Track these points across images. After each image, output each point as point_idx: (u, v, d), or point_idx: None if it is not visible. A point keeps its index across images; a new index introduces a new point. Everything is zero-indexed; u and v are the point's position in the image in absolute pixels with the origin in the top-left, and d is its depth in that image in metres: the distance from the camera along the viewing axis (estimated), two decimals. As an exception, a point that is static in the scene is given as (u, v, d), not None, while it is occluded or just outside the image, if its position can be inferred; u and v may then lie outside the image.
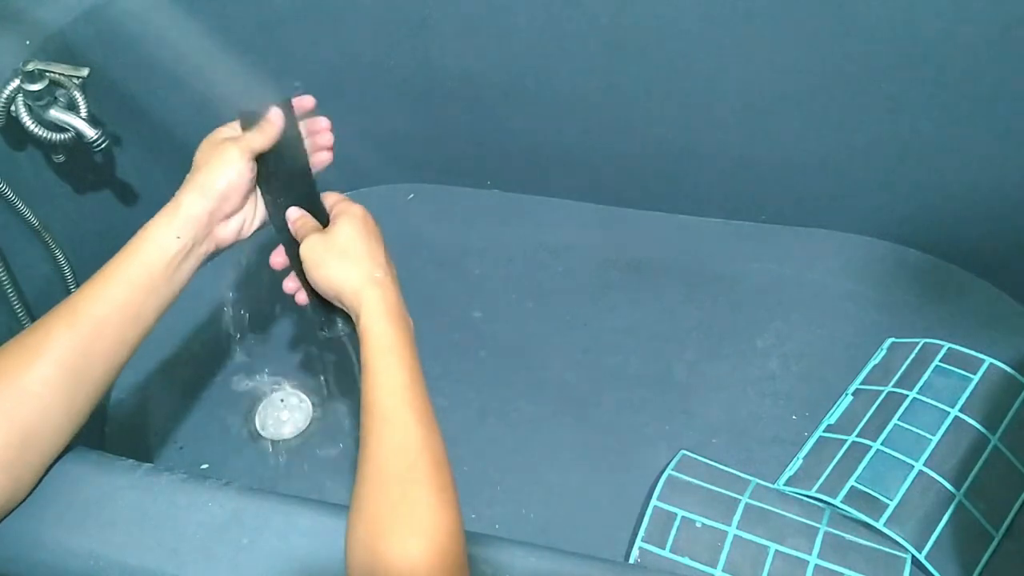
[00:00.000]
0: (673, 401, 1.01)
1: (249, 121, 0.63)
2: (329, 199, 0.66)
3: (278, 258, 0.66)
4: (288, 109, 0.64)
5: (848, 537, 0.84)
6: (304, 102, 0.67)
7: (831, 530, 0.84)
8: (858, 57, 0.93)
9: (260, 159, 0.62)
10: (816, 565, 0.81)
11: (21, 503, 0.53)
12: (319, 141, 0.68)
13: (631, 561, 0.84)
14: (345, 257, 0.59)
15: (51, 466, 0.54)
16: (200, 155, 0.60)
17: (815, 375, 1.02)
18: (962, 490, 0.87)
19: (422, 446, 0.51)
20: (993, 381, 0.96)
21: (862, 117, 1.00)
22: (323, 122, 0.68)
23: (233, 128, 0.63)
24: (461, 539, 0.48)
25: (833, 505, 0.87)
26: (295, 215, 0.64)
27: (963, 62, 0.90)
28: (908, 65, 0.92)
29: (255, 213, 0.64)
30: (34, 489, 0.53)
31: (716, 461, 0.93)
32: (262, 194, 0.65)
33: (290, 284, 0.66)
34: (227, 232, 0.62)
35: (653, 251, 1.16)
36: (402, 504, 0.48)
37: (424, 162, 1.23)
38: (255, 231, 0.65)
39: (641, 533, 0.85)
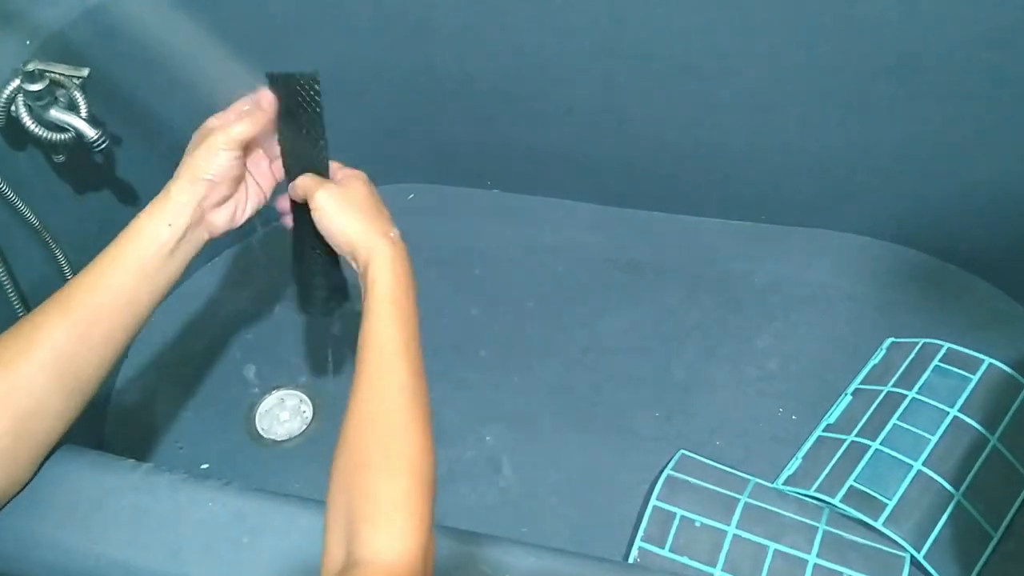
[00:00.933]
0: (673, 401, 1.01)
1: (276, 83, 0.63)
2: (333, 165, 0.67)
3: (284, 203, 0.67)
4: (312, 81, 0.64)
5: (847, 536, 0.84)
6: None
7: (830, 529, 0.84)
8: (858, 57, 0.93)
9: (283, 119, 0.63)
10: (815, 564, 0.81)
11: (18, 493, 0.53)
12: None
13: (631, 561, 0.84)
14: (362, 211, 0.60)
15: (48, 456, 0.55)
16: (190, 144, 0.61)
17: (815, 375, 1.02)
18: (961, 490, 0.87)
19: (404, 408, 0.52)
20: (992, 381, 0.96)
21: (862, 117, 1.00)
22: None
23: (223, 116, 0.63)
24: (431, 489, 0.50)
25: (832, 504, 0.87)
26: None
27: (964, 62, 0.90)
28: (908, 65, 0.92)
29: (247, 200, 0.64)
30: (32, 478, 0.53)
31: (715, 460, 0.93)
32: (281, 153, 0.64)
33: (284, 203, 0.67)
34: (220, 219, 0.62)
35: (653, 251, 1.16)
36: (390, 443, 0.50)
37: (424, 162, 1.23)
38: (248, 218, 0.65)
39: (640, 533, 0.86)
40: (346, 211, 0.60)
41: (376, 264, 0.57)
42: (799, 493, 0.90)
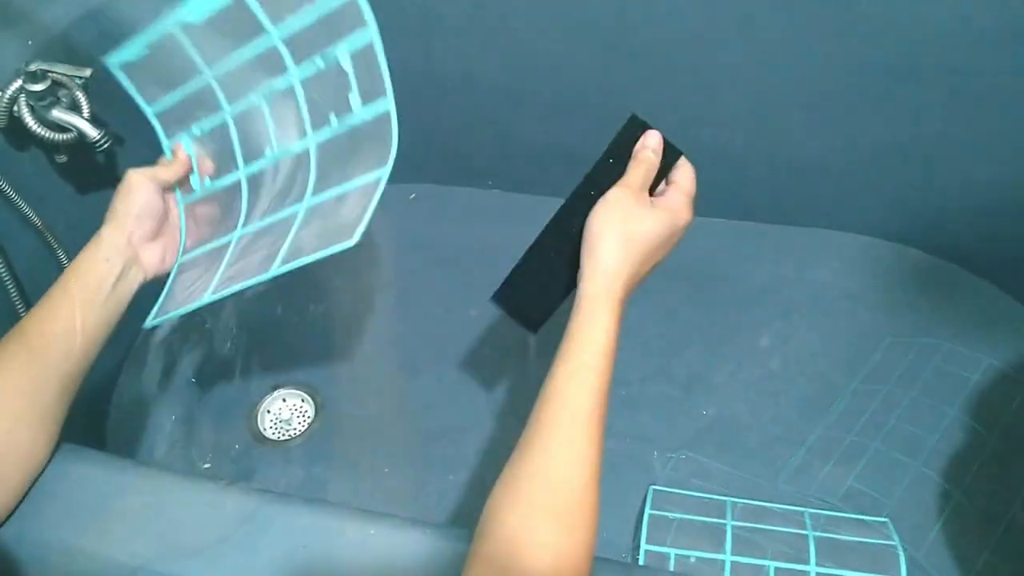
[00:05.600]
0: (674, 400, 1.01)
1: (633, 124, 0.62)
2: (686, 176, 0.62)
3: None
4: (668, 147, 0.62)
5: (841, 538, 0.84)
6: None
7: (821, 534, 0.84)
8: (859, 57, 0.93)
9: (611, 153, 0.61)
10: (817, 573, 0.81)
11: (7, 520, 0.53)
12: None
13: None
14: (632, 238, 0.55)
15: (32, 483, 0.55)
16: (120, 184, 0.64)
17: (815, 374, 1.02)
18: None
19: (572, 486, 0.49)
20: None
21: (863, 117, 1.00)
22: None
23: (157, 165, 0.67)
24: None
25: (829, 504, 0.88)
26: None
27: (965, 62, 0.90)
28: (909, 65, 0.92)
29: (176, 241, 0.67)
30: (18, 506, 0.54)
31: (685, 488, 0.92)
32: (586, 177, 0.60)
33: None
34: (151, 257, 0.65)
35: (653, 251, 1.16)
36: (569, 511, 0.47)
37: (424, 162, 1.23)
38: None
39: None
40: (635, 222, 0.55)
41: (610, 298, 0.53)
42: (775, 506, 0.89)
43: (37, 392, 0.55)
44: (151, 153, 0.97)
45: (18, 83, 0.74)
